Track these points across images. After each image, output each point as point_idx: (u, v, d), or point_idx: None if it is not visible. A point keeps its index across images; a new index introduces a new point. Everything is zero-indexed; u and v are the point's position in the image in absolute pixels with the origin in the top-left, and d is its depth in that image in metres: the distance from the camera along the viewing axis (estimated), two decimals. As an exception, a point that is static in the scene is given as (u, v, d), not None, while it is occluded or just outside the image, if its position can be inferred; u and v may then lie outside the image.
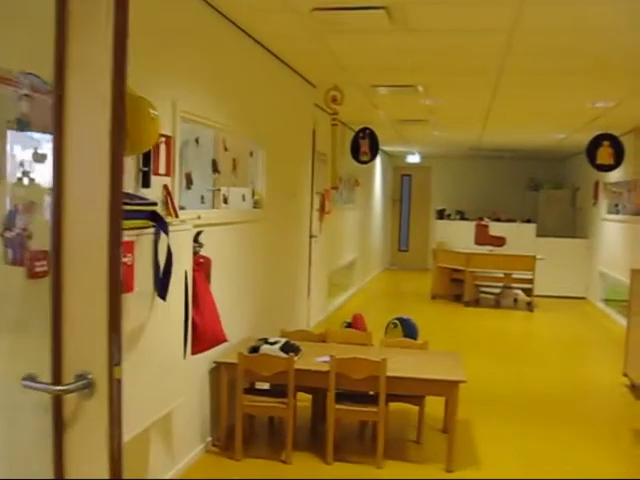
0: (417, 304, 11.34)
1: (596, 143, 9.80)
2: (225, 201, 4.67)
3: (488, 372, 7.04)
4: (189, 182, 4.06)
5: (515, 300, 11.75)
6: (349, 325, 6.71)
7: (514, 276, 11.25)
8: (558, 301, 12.08)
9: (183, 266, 3.38)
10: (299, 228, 6.80)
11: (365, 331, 6.84)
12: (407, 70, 6.21)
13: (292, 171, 6.46)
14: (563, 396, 6.43)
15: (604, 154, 9.89)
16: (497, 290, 11.70)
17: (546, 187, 15.06)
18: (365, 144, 10.14)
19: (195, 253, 3.80)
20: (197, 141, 4.32)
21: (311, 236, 8.26)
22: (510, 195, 15.80)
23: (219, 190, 4.54)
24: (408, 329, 6.48)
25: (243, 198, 5.08)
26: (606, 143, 9.83)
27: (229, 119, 4.65)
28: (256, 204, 5.31)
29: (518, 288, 11.52)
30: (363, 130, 10.15)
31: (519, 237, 12.54)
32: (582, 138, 10.41)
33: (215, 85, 4.43)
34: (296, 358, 4.43)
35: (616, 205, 10.93)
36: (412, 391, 4.48)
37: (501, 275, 11.32)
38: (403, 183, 17.12)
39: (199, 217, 3.64)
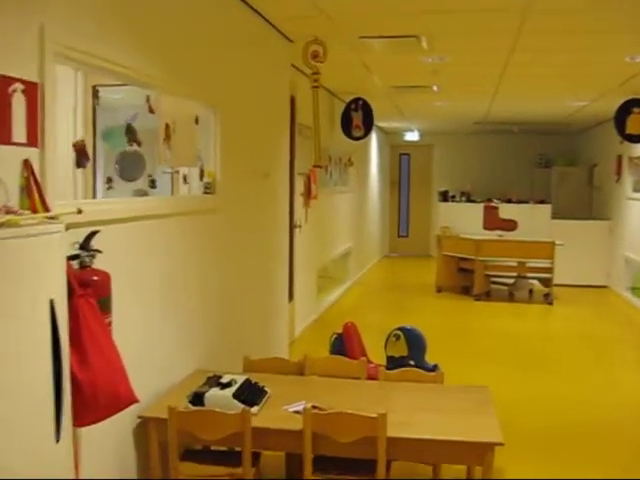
0: (420, 299, 9.99)
1: (625, 110, 8.44)
2: (153, 184, 3.31)
3: (509, 389, 5.68)
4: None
5: (530, 291, 10.40)
6: (339, 338, 5.38)
7: (529, 265, 9.91)
8: (578, 291, 10.72)
9: (45, 292, 2.03)
10: (275, 217, 5.44)
11: (359, 344, 5.52)
12: (407, 14, 4.83)
13: (263, 146, 5.09)
14: (608, 421, 5.10)
15: (635, 122, 8.52)
16: (510, 280, 10.35)
17: (559, 164, 13.67)
18: (358, 117, 8.79)
19: (83, 266, 2.44)
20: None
21: (293, 226, 6.90)
22: (519, 174, 14.38)
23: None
24: (413, 341, 5.17)
25: (184, 180, 3.71)
26: (637, 110, 8.46)
27: (160, 70, 3.28)
28: (207, 188, 3.95)
29: (533, 278, 10.18)
30: (355, 101, 8.79)
31: (532, 220, 11.16)
32: (606, 105, 9.05)
33: (136, 17, 3.06)
34: (255, 410, 3.08)
35: (646, 182, 9.58)
36: (425, 458, 3.12)
37: (515, 264, 9.97)
38: (401, 163, 15.72)
39: (79, 211, 2.27)
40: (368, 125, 8.80)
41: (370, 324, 8.13)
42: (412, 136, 14.76)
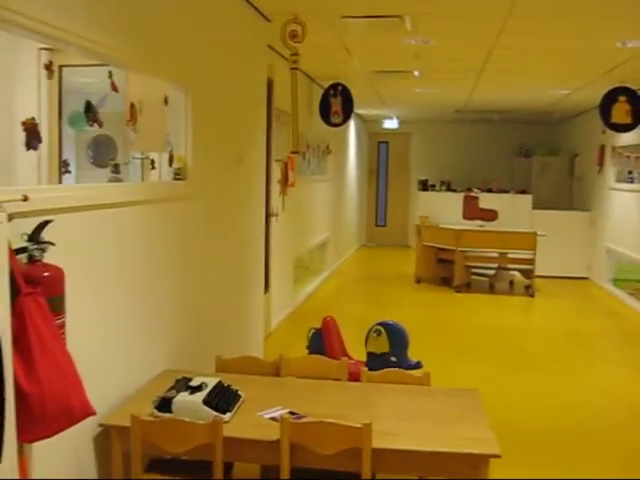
0: (400, 290, 9.77)
1: (612, 98, 8.25)
2: (116, 169, 3.02)
3: (493, 388, 5.46)
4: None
5: (511, 283, 10.23)
6: (318, 333, 5.13)
7: (510, 256, 9.73)
8: (558, 282, 10.58)
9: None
10: (250, 205, 5.15)
11: (339, 339, 5.27)
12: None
13: (237, 130, 4.79)
14: (599, 421, 4.91)
15: (620, 111, 8.33)
16: (491, 272, 10.16)
17: (539, 154, 13.50)
18: (337, 103, 8.50)
19: (32, 261, 2.15)
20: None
21: (269, 215, 6.62)
22: (499, 163, 14.21)
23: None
24: (395, 337, 4.93)
25: (152, 165, 3.41)
26: (622, 99, 8.28)
27: (125, 44, 2.98)
28: (177, 174, 3.65)
29: (514, 269, 10.00)
30: (334, 86, 8.51)
31: (513, 210, 10.97)
32: (590, 94, 8.88)
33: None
34: (227, 417, 2.81)
35: (630, 172, 9.40)
36: (414, 471, 2.86)
37: (496, 255, 9.78)
38: (380, 151, 15.47)
39: (25, 198, 1.98)
40: (347, 112, 8.53)
41: (348, 317, 7.89)
42: (391, 124, 14.51)
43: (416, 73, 7.91)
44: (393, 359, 4.88)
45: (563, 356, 6.55)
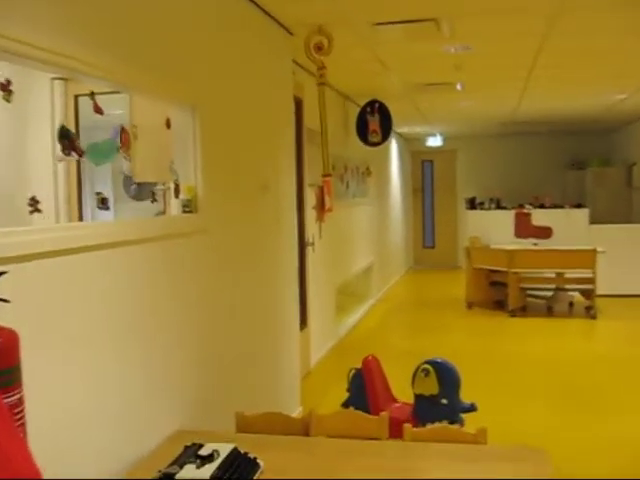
0: (450, 316, 9.18)
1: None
2: (103, 203, 2.59)
3: (560, 434, 4.87)
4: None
5: (571, 304, 9.55)
6: (358, 375, 4.62)
7: (568, 275, 9.07)
8: (621, 302, 9.84)
9: None
10: (279, 236, 4.69)
11: (382, 381, 4.75)
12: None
13: (260, 154, 4.35)
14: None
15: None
16: (548, 293, 9.50)
17: (593, 165, 12.78)
18: (374, 121, 8.05)
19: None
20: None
21: (304, 244, 6.16)
22: (550, 176, 13.54)
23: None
24: (445, 377, 4.39)
25: (152, 196, 2.98)
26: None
27: (116, 60, 2.57)
28: (186, 207, 3.21)
29: (573, 290, 9.33)
30: (371, 104, 8.06)
31: (568, 226, 10.33)
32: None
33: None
34: (240, 499, 2.32)
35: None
36: None
37: (552, 275, 9.13)
38: (424, 170, 14.92)
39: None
40: (386, 130, 8.06)
41: (395, 349, 7.37)
42: (434, 141, 13.97)
43: (458, 86, 7.41)
44: (444, 401, 4.34)
45: (637, 391, 5.87)
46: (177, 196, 3.14)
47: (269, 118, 4.50)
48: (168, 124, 3.03)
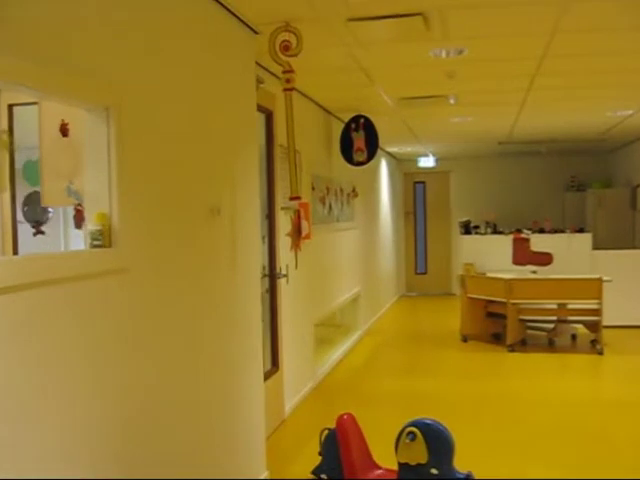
0: (443, 351, 8.40)
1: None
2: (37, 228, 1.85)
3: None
4: None
5: (574, 337, 8.80)
6: (331, 436, 3.85)
7: (571, 306, 8.32)
8: (629, 333, 9.10)
9: None
10: (235, 271, 3.92)
11: (360, 444, 3.97)
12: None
13: (211, 172, 3.59)
14: None
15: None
16: (549, 325, 8.74)
17: (595, 186, 12.08)
18: (359, 138, 7.35)
19: None
20: None
21: (275, 276, 5.40)
22: (549, 199, 12.84)
23: None
24: (435, 442, 3.63)
25: (37, 227, 2.22)
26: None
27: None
28: (96, 240, 2.46)
29: (577, 322, 8.58)
30: (355, 119, 7.36)
31: (569, 252, 9.62)
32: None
33: None
34: None
35: None
36: None
37: (554, 306, 8.38)
38: (416, 192, 14.21)
39: None
40: (372, 148, 7.34)
41: (381, 391, 6.60)
42: (427, 162, 13.27)
43: (451, 100, 6.70)
44: (434, 471, 3.58)
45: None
46: (79, 226, 2.38)
47: (223, 129, 3.75)
48: (64, 131, 2.28)
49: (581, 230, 10.12)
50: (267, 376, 5.22)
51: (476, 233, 10.34)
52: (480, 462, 4.58)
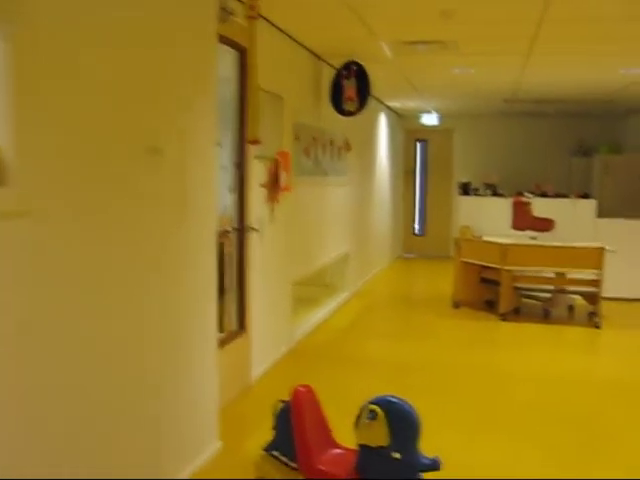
0: (433, 317, 7.99)
1: None
2: None
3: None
4: None
5: (571, 308, 8.37)
6: (286, 411, 3.46)
7: (570, 276, 7.88)
8: (629, 307, 8.68)
9: None
10: (185, 222, 3.47)
11: (317, 420, 3.57)
12: None
13: (151, 104, 3.10)
14: None
15: None
16: (546, 295, 8.30)
17: (602, 151, 11.53)
18: (351, 87, 6.84)
19: None
20: None
21: (245, 229, 4.96)
22: (554, 163, 12.30)
23: None
24: (398, 422, 3.24)
25: None
26: None
27: None
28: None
29: (575, 292, 8.14)
30: (347, 66, 6.83)
31: (572, 218, 9.14)
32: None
33: None
34: None
35: None
36: None
37: (552, 275, 7.93)
38: (418, 150, 13.68)
39: None
40: (363, 97, 6.83)
41: (361, 356, 6.22)
42: (430, 119, 12.72)
43: (452, 43, 6.15)
44: (396, 455, 3.18)
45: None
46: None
47: (168, 61, 3.26)
48: None
49: (586, 196, 9.61)
50: (231, 338, 4.83)
51: (475, 195, 9.83)
52: (458, 442, 4.22)
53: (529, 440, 4.31)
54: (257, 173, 5.21)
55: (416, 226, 13.83)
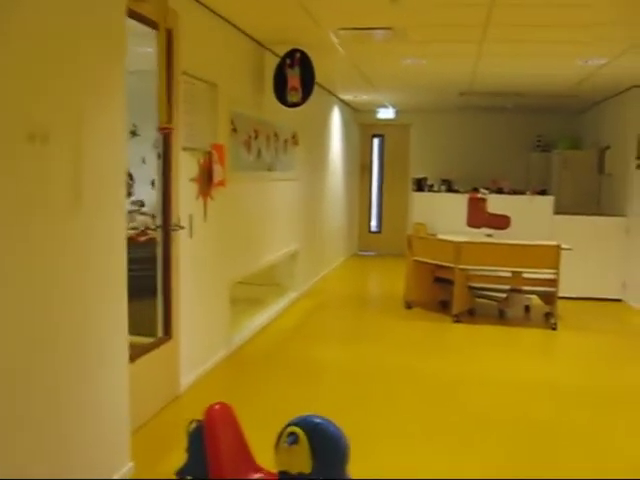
0: (384, 318, 7.65)
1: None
2: None
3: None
4: None
5: (527, 309, 8.10)
6: (198, 431, 3.06)
7: (526, 275, 7.59)
8: (586, 306, 8.46)
9: None
10: (81, 223, 3.04)
11: (234, 441, 3.17)
12: None
13: (28, 86, 2.67)
14: None
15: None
16: (501, 295, 8.01)
17: (561, 147, 11.29)
18: (294, 76, 6.47)
19: None
20: None
21: (170, 229, 4.54)
22: (512, 159, 12.05)
23: None
24: (322, 446, 2.86)
25: None
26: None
27: None
28: None
29: (531, 292, 7.86)
30: (291, 54, 6.45)
31: (529, 215, 8.85)
32: (635, 64, 6.79)
33: None
34: None
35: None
36: None
37: (507, 274, 7.64)
38: (374, 146, 13.34)
39: None
40: (307, 87, 6.44)
41: (304, 363, 5.82)
42: (386, 113, 12.40)
43: (397, 31, 5.80)
44: (319, 484, 2.81)
45: (615, 439, 4.36)
46: None
47: (62, 28, 2.84)
48: None
49: (543, 192, 9.34)
50: (155, 346, 4.42)
51: (429, 191, 9.51)
52: (402, 454, 3.87)
53: (479, 451, 3.98)
54: (186, 166, 4.79)
55: (372, 223, 13.48)
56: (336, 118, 10.83)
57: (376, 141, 13.26)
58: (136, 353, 4.21)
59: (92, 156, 3.05)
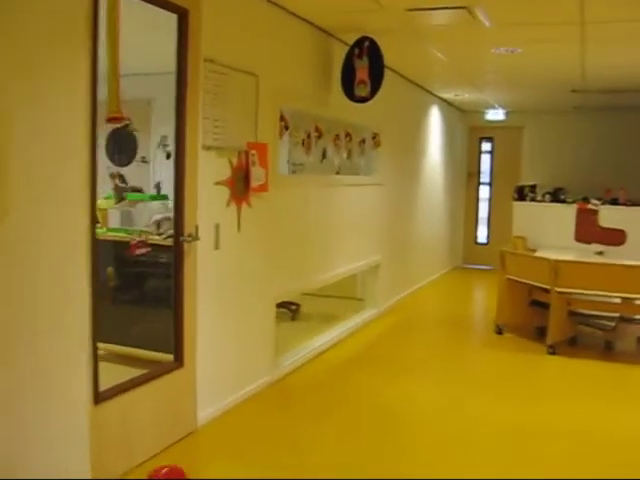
0: (469, 346, 6.75)
1: None
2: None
3: None
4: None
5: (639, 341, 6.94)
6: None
7: (639, 302, 6.44)
8: None
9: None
10: (9, 240, 2.46)
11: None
12: None
13: None
14: None
15: None
16: (609, 324, 6.87)
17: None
18: (363, 67, 5.72)
19: None
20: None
21: (182, 240, 3.91)
22: (630, 166, 10.60)
23: None
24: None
25: None
26: None
27: None
28: None
29: (645, 321, 6.71)
30: (359, 43, 5.71)
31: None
32: None
33: None
34: None
35: None
36: None
37: (617, 300, 6.50)
38: (483, 150, 12.28)
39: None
40: (377, 79, 5.66)
41: (357, 398, 5.02)
42: (495, 115, 11.37)
43: (479, 14, 4.93)
44: None
45: None
46: None
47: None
48: None
49: (667, 204, 8.06)
50: (159, 374, 3.81)
51: (532, 200, 8.45)
52: None
53: None
54: (211, 168, 4.16)
55: (479, 234, 12.44)
56: (435, 119, 9.93)
57: (485, 145, 12.20)
58: (135, 382, 3.64)
59: (37, 159, 2.45)
